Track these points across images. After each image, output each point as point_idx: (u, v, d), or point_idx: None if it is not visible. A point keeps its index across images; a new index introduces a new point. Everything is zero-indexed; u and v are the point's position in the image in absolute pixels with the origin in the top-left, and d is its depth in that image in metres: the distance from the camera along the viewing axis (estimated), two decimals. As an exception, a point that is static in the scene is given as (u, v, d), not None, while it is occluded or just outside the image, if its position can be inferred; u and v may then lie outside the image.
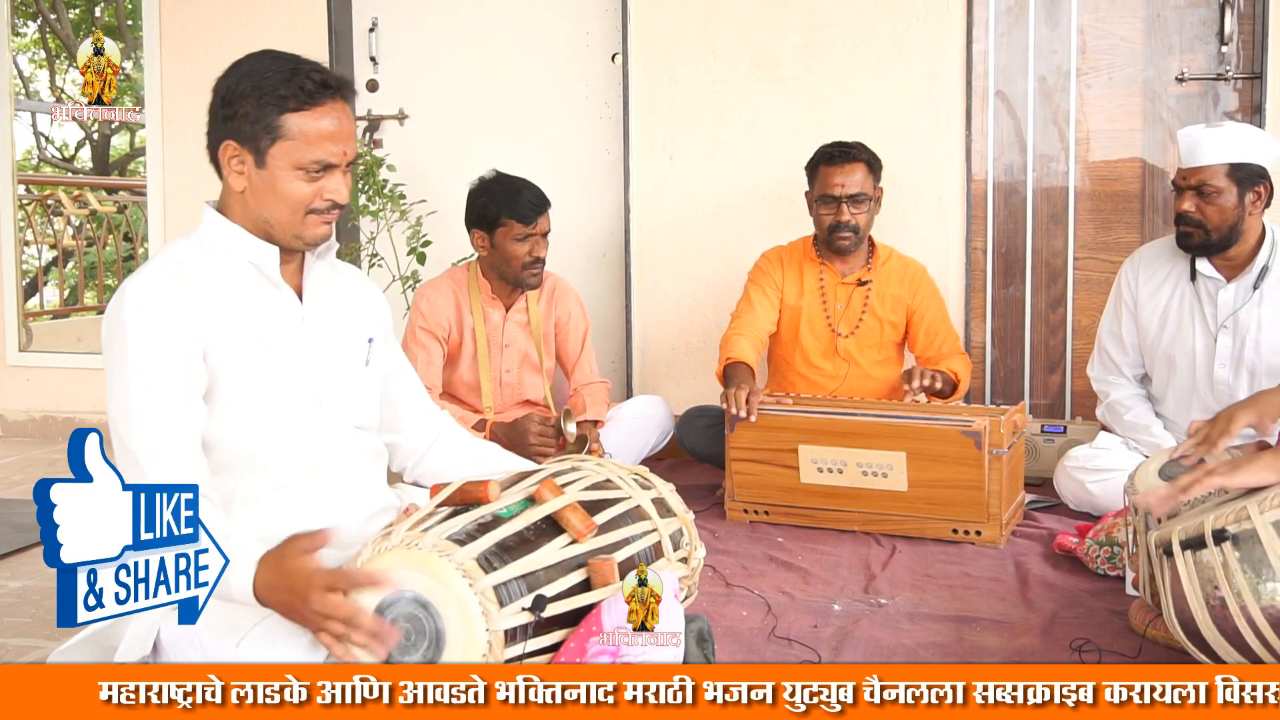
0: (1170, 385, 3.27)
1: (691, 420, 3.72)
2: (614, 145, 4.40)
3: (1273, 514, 1.87)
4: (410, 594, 1.70)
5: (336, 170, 1.92)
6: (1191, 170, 3.02)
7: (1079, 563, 2.87)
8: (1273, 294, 3.09)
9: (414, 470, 2.31)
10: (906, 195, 4.04)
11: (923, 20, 4.05)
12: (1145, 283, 3.29)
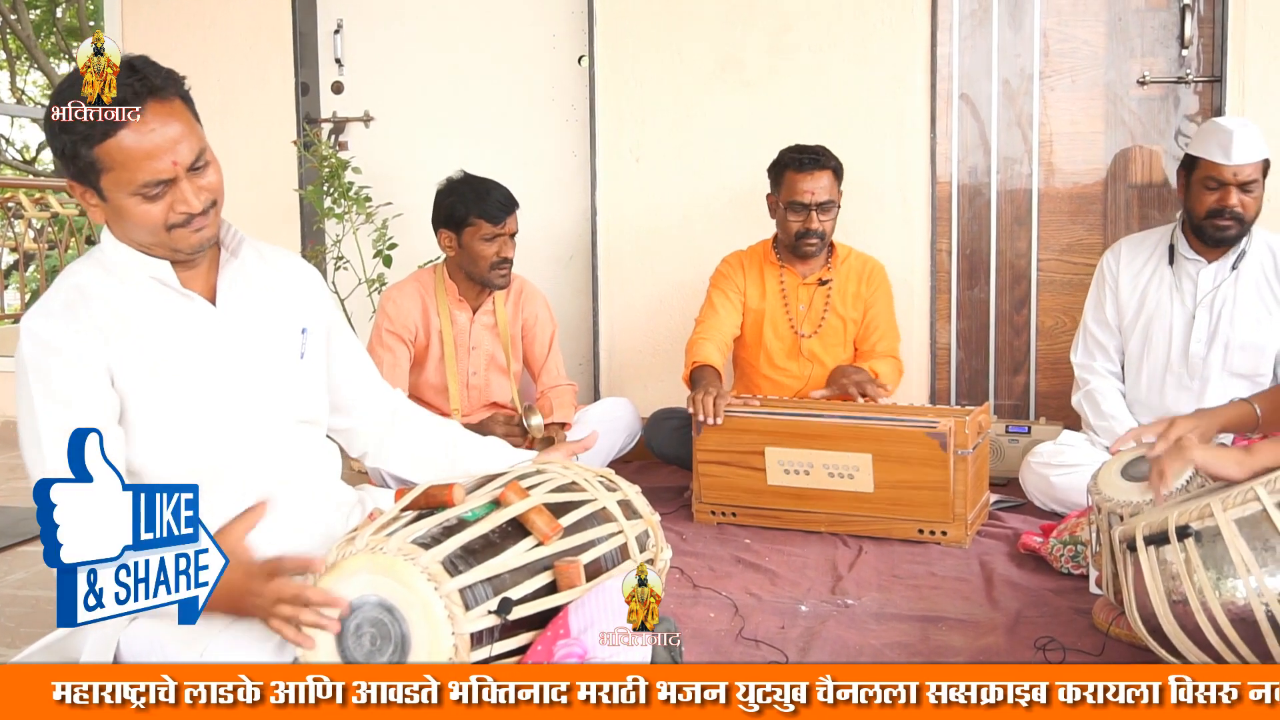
0: (1145, 360, 3.37)
1: (659, 422, 3.72)
2: (580, 147, 4.39)
3: (1235, 511, 1.88)
4: (375, 598, 1.69)
5: (177, 182, 1.80)
6: (1241, 166, 3.15)
7: (1043, 562, 2.88)
8: (1249, 274, 3.25)
9: (375, 455, 2.28)
10: (872, 197, 4.06)
11: (888, 24, 4.07)
12: (1126, 266, 3.42)
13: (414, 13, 4.54)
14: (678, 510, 3.43)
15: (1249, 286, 3.25)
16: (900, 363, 3.69)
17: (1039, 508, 3.39)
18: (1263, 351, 3.24)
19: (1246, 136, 3.13)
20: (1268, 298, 3.24)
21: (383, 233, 4.27)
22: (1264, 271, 3.25)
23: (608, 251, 4.33)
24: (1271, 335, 3.23)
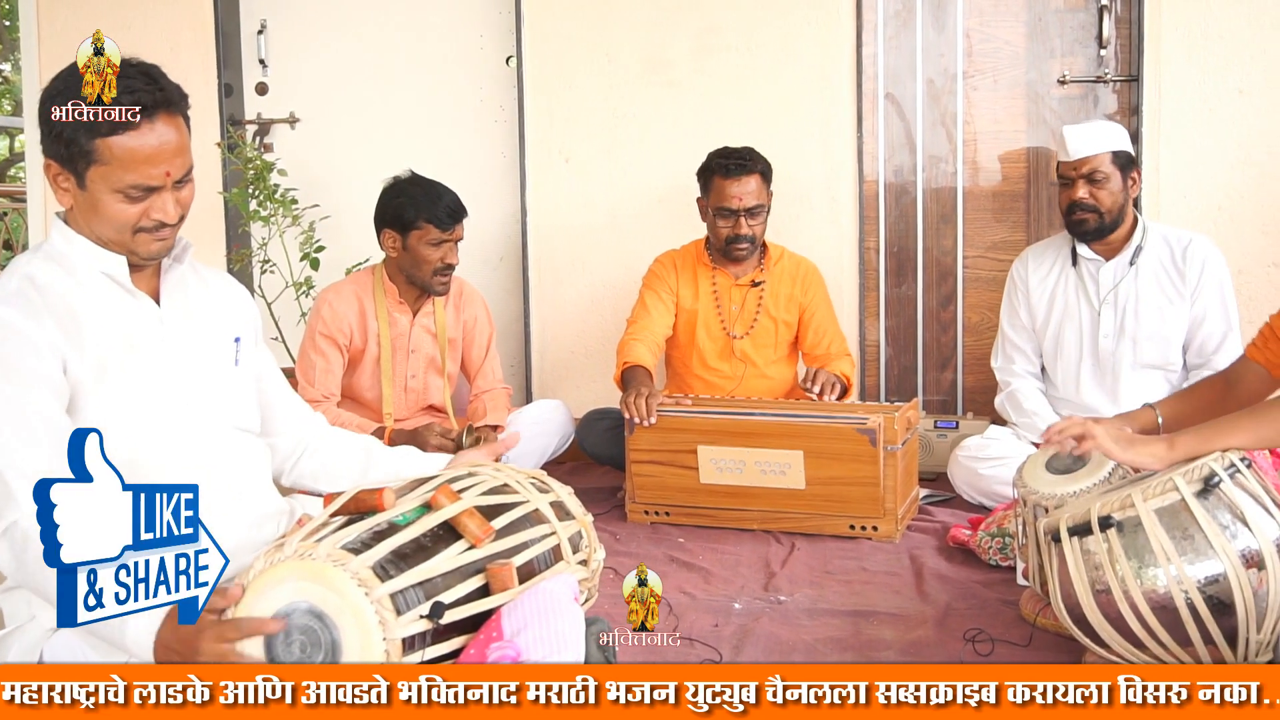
0: (1059, 359, 3.46)
1: (592, 423, 3.72)
2: (509, 148, 4.38)
3: (1155, 502, 1.93)
4: (305, 605, 1.66)
5: (162, 191, 1.85)
6: (1082, 160, 3.29)
7: (972, 555, 2.93)
8: (1147, 269, 3.36)
9: (291, 473, 2.27)
10: (800, 197, 4.09)
11: (813, 24, 4.10)
12: (1034, 273, 3.52)
13: (339, 13, 4.49)
14: (611, 510, 3.43)
15: (1149, 280, 3.35)
16: (853, 360, 3.72)
17: (967, 501, 3.44)
18: (1169, 341, 3.34)
19: (1082, 132, 3.31)
20: (1168, 289, 3.33)
21: (310, 235, 4.22)
22: (1161, 265, 3.35)
23: (538, 252, 4.32)
24: (1175, 325, 3.33)
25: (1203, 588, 1.87)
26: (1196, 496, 1.91)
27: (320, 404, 3.41)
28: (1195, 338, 3.33)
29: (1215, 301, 3.32)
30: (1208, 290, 3.32)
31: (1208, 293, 3.32)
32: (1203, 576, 1.87)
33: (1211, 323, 3.31)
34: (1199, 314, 3.32)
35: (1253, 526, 1.89)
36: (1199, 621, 1.88)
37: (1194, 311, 3.32)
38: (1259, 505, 1.93)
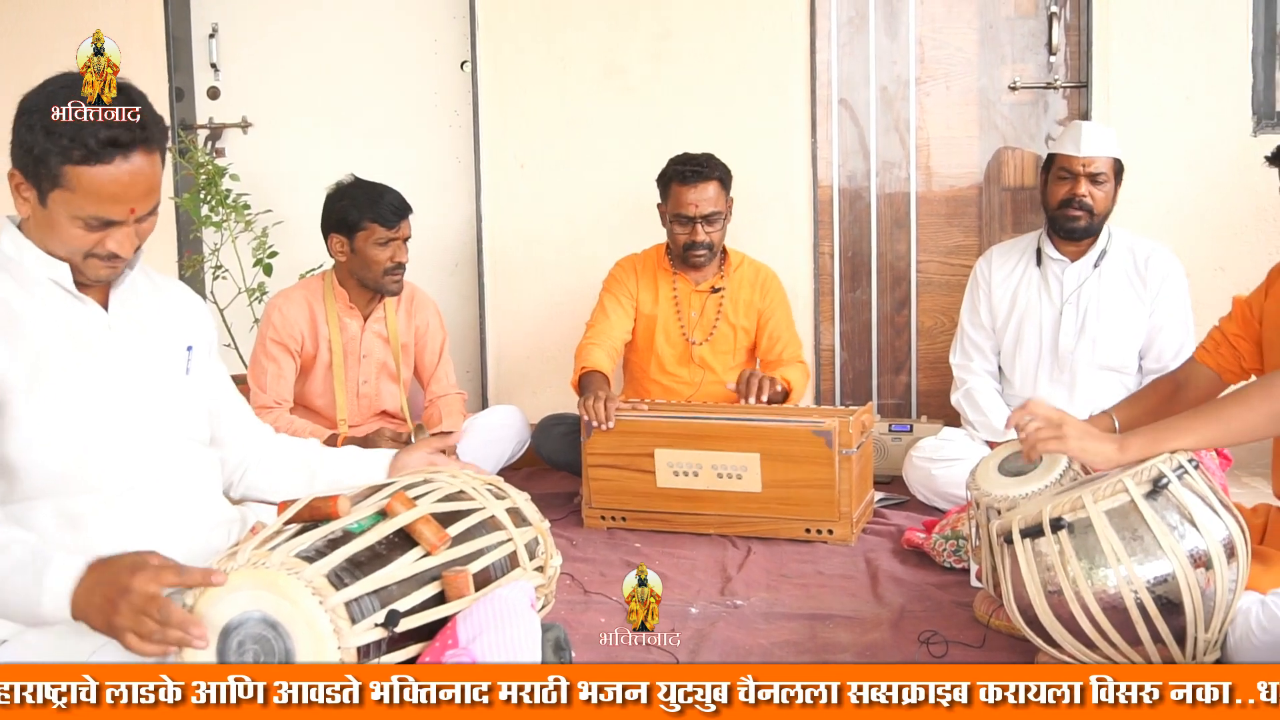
0: (1018, 357, 3.50)
1: (548, 429, 3.71)
2: (465, 153, 4.37)
3: (1105, 503, 1.95)
4: (258, 614, 1.65)
5: (123, 225, 1.81)
6: (1091, 159, 3.32)
7: (926, 557, 2.95)
8: (1111, 271, 3.41)
9: (240, 485, 2.25)
10: (755, 202, 4.10)
11: (768, 30, 4.12)
12: (998, 270, 3.56)
13: (292, 16, 4.46)
14: (568, 516, 3.43)
15: (1111, 284, 3.39)
16: (807, 367, 3.73)
17: (922, 503, 3.47)
18: (1127, 345, 3.39)
19: (1097, 132, 3.34)
20: (1129, 294, 3.38)
21: (263, 241, 4.19)
22: (1124, 270, 3.40)
23: (494, 258, 4.31)
24: (1134, 330, 3.38)
25: (1152, 587, 1.89)
26: (1145, 498, 1.94)
27: (272, 410, 3.39)
28: (1153, 345, 3.37)
29: (1174, 312, 3.36)
30: (1168, 300, 3.36)
31: (1168, 303, 3.36)
32: (1152, 576, 1.90)
33: (1169, 332, 3.35)
34: (1158, 323, 3.36)
35: (1200, 527, 1.92)
36: (1148, 621, 1.90)
37: (1153, 320, 3.36)
38: (1206, 506, 1.96)
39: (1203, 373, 2.43)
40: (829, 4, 4.11)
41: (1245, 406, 2.00)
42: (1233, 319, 2.41)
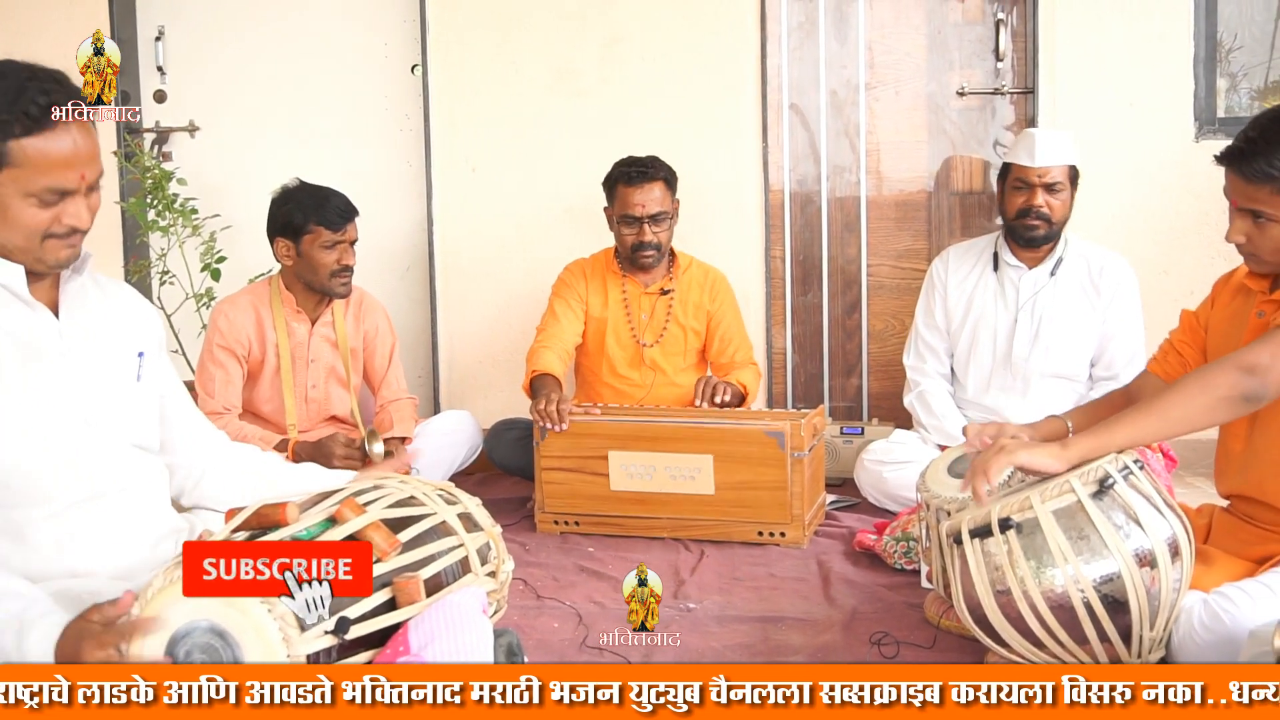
0: (972, 362, 3.52)
1: (500, 433, 3.70)
2: (415, 157, 4.35)
3: (1052, 503, 1.97)
4: (205, 623, 1.63)
5: (76, 195, 1.80)
6: (1046, 169, 3.34)
7: (878, 559, 2.97)
8: (1066, 281, 3.43)
9: (193, 494, 2.23)
10: (707, 206, 4.12)
11: (718, 34, 4.14)
12: (954, 273, 3.57)
13: (240, 20, 4.42)
14: (520, 521, 3.42)
15: (1067, 292, 3.42)
16: (759, 369, 3.75)
17: (873, 505, 3.49)
18: (1079, 353, 3.42)
19: (1051, 141, 3.34)
20: (1083, 303, 3.41)
21: (210, 246, 4.14)
22: (1079, 279, 3.42)
23: (445, 262, 4.29)
24: (1086, 338, 3.41)
25: (1098, 586, 1.92)
26: (1092, 498, 1.96)
27: (221, 416, 3.35)
28: (1105, 353, 3.41)
29: (1127, 321, 3.40)
30: (1121, 310, 3.40)
31: (1120, 312, 3.40)
32: (1098, 576, 1.92)
33: (1121, 341, 3.39)
34: (1110, 331, 3.40)
35: (1145, 526, 1.95)
36: (1095, 620, 1.92)
37: (1106, 329, 3.40)
38: (1151, 506, 1.98)
39: (1153, 382, 2.46)
40: (779, 9, 4.13)
41: (1183, 398, 2.03)
42: (1181, 329, 2.45)
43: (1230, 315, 2.31)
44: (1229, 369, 2.00)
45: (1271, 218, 2.11)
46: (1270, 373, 1.98)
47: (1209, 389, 2.01)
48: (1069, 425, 2.46)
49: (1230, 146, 2.15)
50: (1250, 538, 2.23)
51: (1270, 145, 2.08)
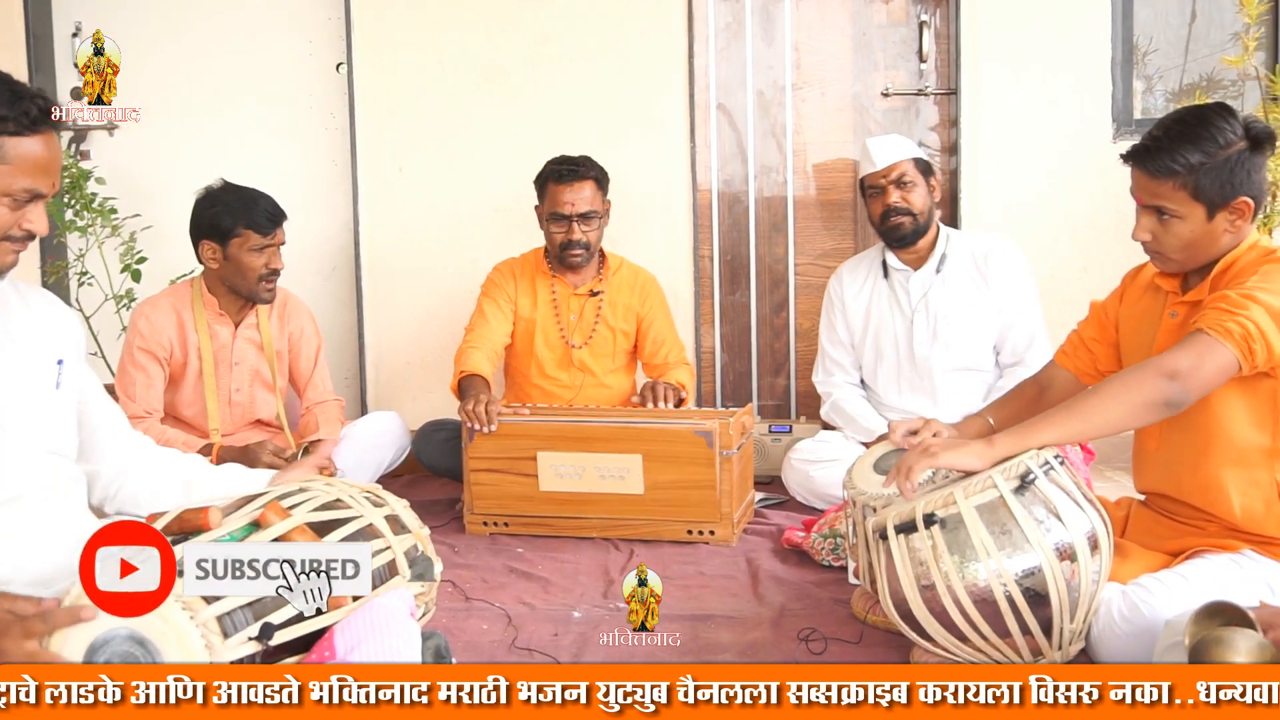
0: (879, 369, 3.58)
1: (429, 435, 3.68)
2: (341, 156, 4.30)
3: (976, 499, 2.00)
4: (125, 631, 1.60)
5: (41, 200, 1.84)
6: (890, 167, 3.45)
7: (806, 556, 2.99)
8: (953, 276, 3.50)
9: (115, 500, 2.19)
10: (635, 206, 4.12)
11: (647, 35, 4.14)
12: (849, 286, 3.64)
13: (160, 15, 4.34)
14: (449, 523, 3.40)
15: (955, 287, 3.48)
16: (692, 368, 3.77)
17: (801, 503, 3.52)
18: (979, 344, 3.48)
19: (885, 143, 3.50)
20: (973, 294, 3.47)
21: (130, 246, 4.07)
22: (966, 271, 3.49)
23: (372, 262, 4.25)
24: (983, 329, 3.47)
25: (1020, 580, 1.95)
26: (1014, 493, 1.99)
27: (143, 420, 3.30)
28: (1006, 340, 3.46)
29: (1021, 303, 3.45)
30: (1012, 293, 3.45)
31: (1013, 296, 3.45)
32: (1020, 569, 1.96)
33: (1019, 326, 3.44)
34: (1008, 319, 3.45)
35: (1065, 520, 1.99)
36: (1017, 613, 1.96)
37: (1003, 316, 3.45)
38: (1071, 500, 2.02)
39: (1062, 375, 2.51)
40: (706, 10, 4.15)
41: (1106, 402, 2.07)
42: (1089, 323, 2.50)
43: (1141, 313, 2.36)
44: (1153, 375, 2.04)
45: (1175, 214, 2.16)
46: (1192, 379, 2.02)
47: (1132, 394, 2.05)
48: (990, 422, 2.51)
49: (1136, 145, 2.21)
50: (1166, 531, 2.28)
51: (1174, 142, 2.14)
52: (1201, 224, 2.16)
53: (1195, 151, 2.12)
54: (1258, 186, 2.16)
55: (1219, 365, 2.03)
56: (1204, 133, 2.13)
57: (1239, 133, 2.14)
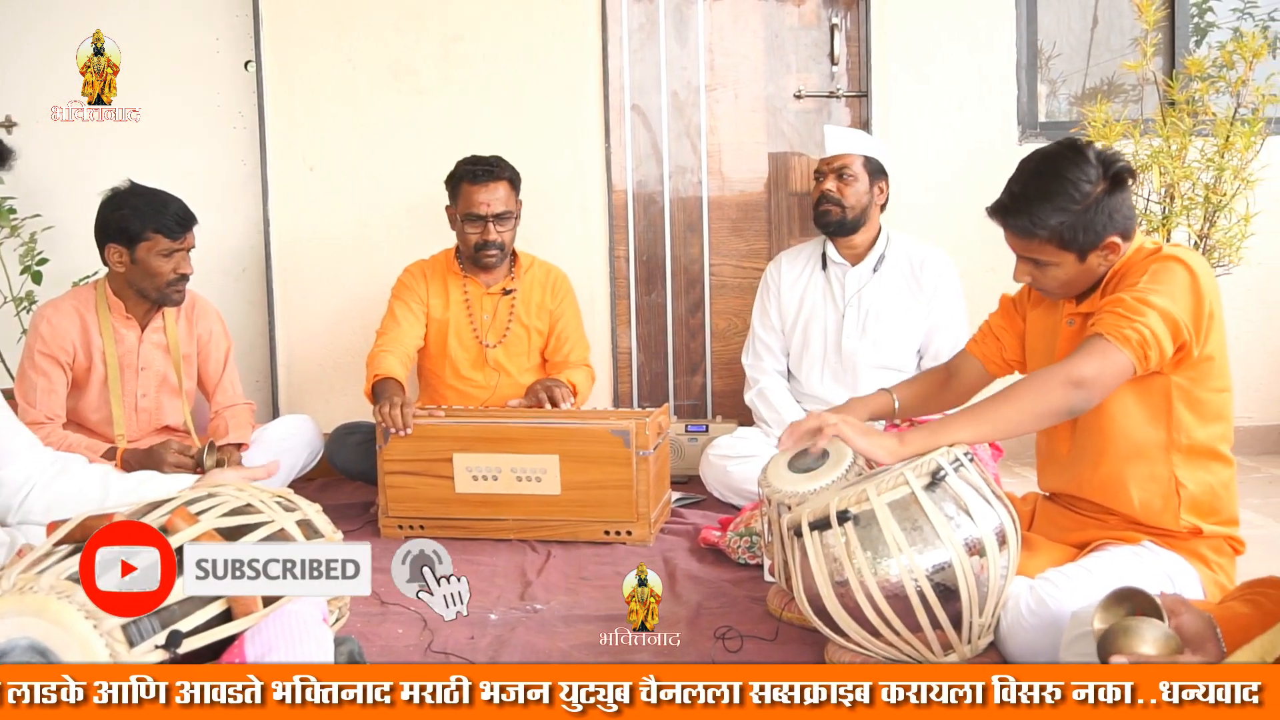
0: (805, 357, 3.62)
1: (342, 438, 3.63)
2: (250, 156, 4.23)
3: (887, 495, 2.03)
4: (25, 641, 1.55)
5: None
6: (836, 156, 3.51)
7: (722, 554, 3.01)
8: (889, 276, 3.56)
9: (20, 509, 2.14)
10: (551, 206, 4.11)
11: (560, 34, 4.14)
12: (787, 274, 3.68)
13: (60, 10, 4.23)
14: (364, 527, 3.36)
15: (890, 287, 3.55)
16: (592, 370, 3.77)
17: (719, 501, 3.54)
18: (904, 345, 3.54)
19: (840, 133, 3.57)
20: (906, 296, 3.53)
21: (31, 247, 3.96)
22: (901, 273, 3.55)
23: (283, 263, 4.19)
24: (911, 330, 3.53)
25: (931, 575, 1.98)
26: (925, 490, 2.02)
27: (44, 426, 3.21)
28: (931, 343, 3.52)
29: (949, 311, 3.52)
30: (943, 301, 3.52)
31: (943, 303, 3.52)
32: (931, 565, 1.99)
33: (946, 331, 3.50)
34: (935, 323, 3.52)
35: (974, 516, 2.02)
36: (928, 608, 1.99)
37: (930, 320, 3.52)
38: (980, 496, 2.06)
39: (971, 363, 2.59)
40: (620, 10, 4.15)
41: (1015, 405, 2.13)
42: (998, 313, 2.58)
43: (1043, 316, 2.44)
44: (1060, 384, 2.10)
45: (1049, 262, 2.24)
46: (1095, 386, 2.10)
47: (1039, 400, 2.11)
48: (894, 397, 2.58)
49: (997, 201, 2.29)
50: (1070, 524, 2.34)
51: (1030, 203, 2.20)
52: (1075, 266, 2.23)
53: (1055, 212, 2.17)
54: (1124, 221, 2.20)
55: (1118, 370, 2.10)
56: (1059, 188, 2.17)
57: (1095, 177, 2.18)
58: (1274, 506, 3.61)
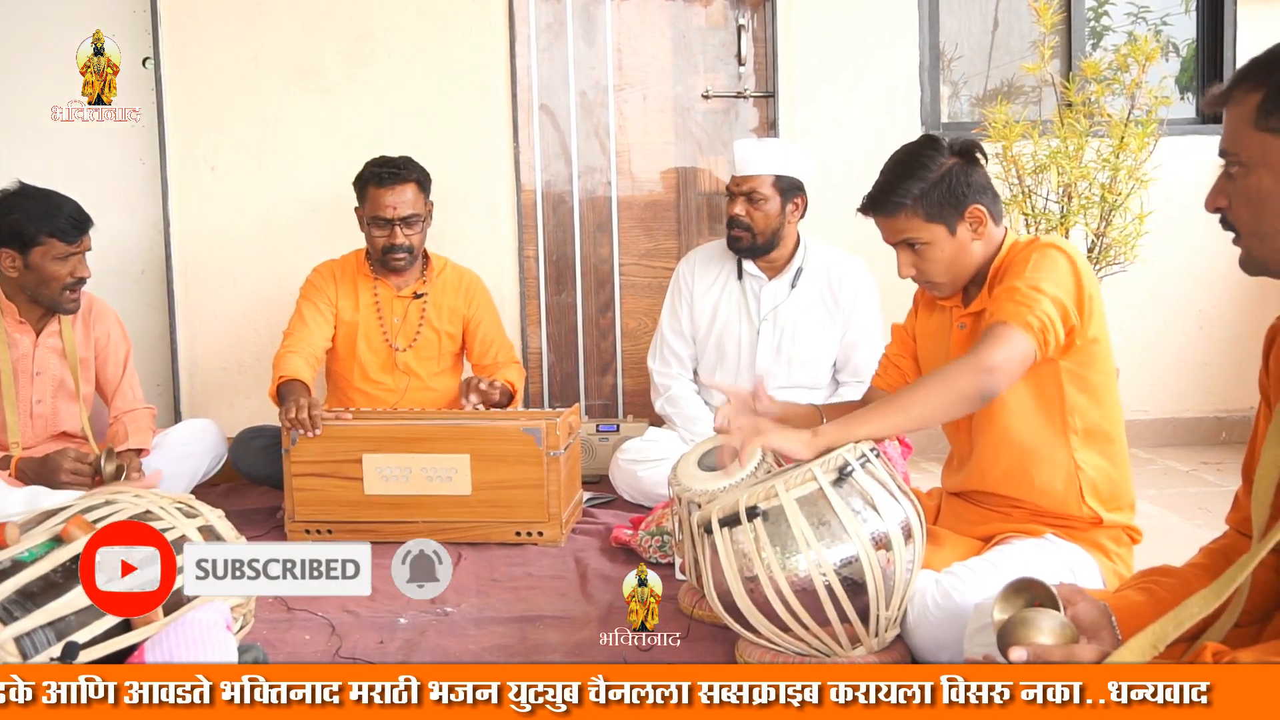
0: (719, 371, 3.58)
1: (247, 442, 3.57)
2: (149, 155, 4.13)
3: (796, 491, 2.05)
4: (-88, 657, 1.51)
5: None
6: (744, 178, 3.41)
7: (634, 554, 3.01)
8: (807, 291, 3.50)
9: None
10: (460, 206, 4.09)
11: (468, 33, 4.11)
12: (700, 279, 3.61)
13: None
14: (269, 531, 3.31)
15: (807, 304, 3.50)
16: (522, 367, 3.74)
17: (629, 501, 3.55)
18: (820, 364, 3.53)
19: (751, 151, 3.44)
20: (822, 313, 3.51)
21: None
22: (819, 289, 3.51)
23: (184, 264, 4.10)
24: (827, 348, 3.52)
25: (838, 569, 2.01)
26: (832, 485, 2.05)
27: (-67, 434, 3.11)
28: (850, 359, 3.50)
29: (867, 327, 3.50)
30: (860, 317, 3.49)
31: (860, 319, 3.49)
32: (838, 559, 2.01)
33: (864, 347, 3.48)
34: (853, 339, 3.49)
35: (881, 511, 2.05)
36: (836, 602, 2.01)
37: (848, 337, 3.50)
38: (886, 491, 2.09)
39: (879, 396, 2.60)
40: (527, 9, 4.14)
41: (924, 396, 2.15)
42: (893, 343, 2.63)
43: (934, 328, 2.48)
44: (970, 371, 2.13)
45: (921, 240, 2.31)
46: (1003, 372, 2.12)
47: (949, 389, 2.13)
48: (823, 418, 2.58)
49: (866, 196, 2.37)
50: (976, 517, 2.38)
51: (895, 180, 2.31)
52: (948, 241, 2.29)
53: (913, 181, 2.28)
54: (981, 192, 2.30)
55: (1023, 356, 2.13)
56: (915, 163, 2.31)
57: (946, 154, 2.31)
58: (1169, 497, 3.72)
